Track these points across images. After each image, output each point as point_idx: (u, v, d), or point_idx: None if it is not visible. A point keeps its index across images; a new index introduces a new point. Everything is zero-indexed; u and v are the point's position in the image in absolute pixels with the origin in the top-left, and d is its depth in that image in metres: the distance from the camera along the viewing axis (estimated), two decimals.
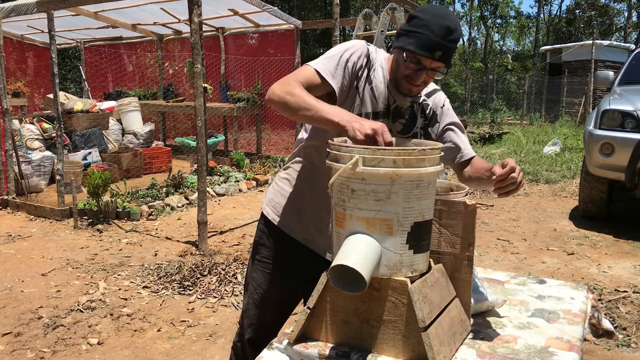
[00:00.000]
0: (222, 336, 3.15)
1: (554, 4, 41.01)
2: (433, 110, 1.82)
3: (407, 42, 1.59)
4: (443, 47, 1.56)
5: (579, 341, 1.50)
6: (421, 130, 1.82)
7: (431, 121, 1.83)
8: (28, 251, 4.70)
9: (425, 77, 1.64)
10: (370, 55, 1.72)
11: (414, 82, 1.65)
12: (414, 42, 1.57)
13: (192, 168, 7.30)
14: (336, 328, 1.40)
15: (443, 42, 1.56)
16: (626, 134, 4.95)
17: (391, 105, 1.74)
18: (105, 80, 11.23)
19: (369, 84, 1.71)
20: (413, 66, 1.61)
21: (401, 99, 1.74)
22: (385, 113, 1.74)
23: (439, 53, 1.57)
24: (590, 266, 4.31)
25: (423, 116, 1.81)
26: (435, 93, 1.85)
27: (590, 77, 14.85)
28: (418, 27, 1.57)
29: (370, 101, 1.72)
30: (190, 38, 4.84)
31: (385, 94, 1.73)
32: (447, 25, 1.55)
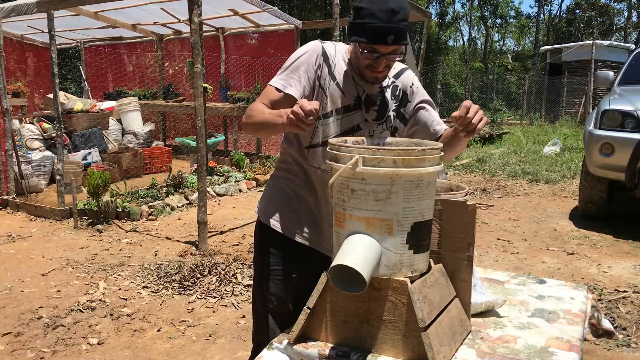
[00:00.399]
0: (222, 336, 3.15)
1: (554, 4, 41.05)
2: (403, 90, 1.84)
3: (359, 35, 1.61)
4: (393, 30, 1.58)
5: (579, 341, 1.50)
6: (394, 113, 1.83)
7: (402, 102, 1.84)
8: (28, 251, 4.70)
9: (386, 62, 1.66)
10: (326, 52, 1.73)
11: (377, 70, 1.67)
12: (365, 33, 1.60)
13: (192, 168, 7.30)
14: (336, 328, 1.40)
15: (391, 26, 1.57)
16: (626, 134, 4.95)
17: (361, 96, 1.76)
18: (105, 80, 11.23)
19: (333, 80, 1.73)
20: (371, 56, 1.63)
21: (369, 86, 1.76)
22: (356, 104, 1.76)
23: (391, 37, 1.59)
24: (590, 266, 4.31)
25: (394, 98, 1.83)
26: (403, 73, 1.86)
27: (590, 77, 14.85)
28: (364, 17, 1.59)
29: (340, 97, 1.73)
30: (190, 38, 4.84)
31: (352, 86, 1.75)
32: (391, 8, 1.56)
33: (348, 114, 1.75)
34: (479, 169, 8.74)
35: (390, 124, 1.83)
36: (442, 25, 34.98)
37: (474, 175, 8.30)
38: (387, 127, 1.82)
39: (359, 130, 1.77)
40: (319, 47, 1.74)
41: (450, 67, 31.54)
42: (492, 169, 8.71)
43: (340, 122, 1.75)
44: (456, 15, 37.26)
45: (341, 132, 1.76)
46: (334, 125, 1.75)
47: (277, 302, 1.86)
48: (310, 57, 1.72)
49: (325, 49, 1.75)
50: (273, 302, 1.86)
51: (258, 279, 1.92)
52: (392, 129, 1.84)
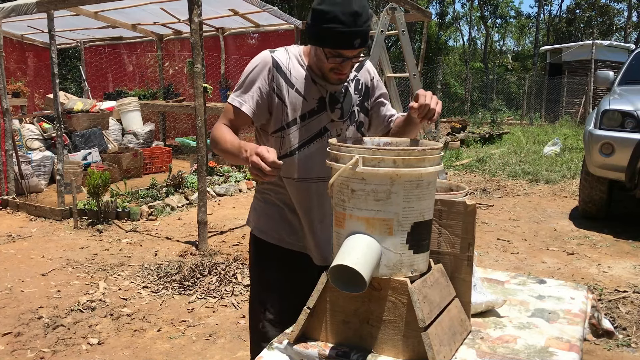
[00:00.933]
0: (222, 336, 3.15)
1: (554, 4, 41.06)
2: (365, 84, 1.83)
3: (322, 40, 1.58)
4: (359, 33, 1.56)
5: (579, 341, 1.50)
6: (357, 107, 1.81)
7: (365, 96, 1.84)
8: (28, 251, 4.70)
9: (351, 63, 1.65)
10: (277, 62, 1.70)
11: (342, 72, 1.66)
12: (329, 38, 1.56)
13: (192, 168, 7.30)
14: (336, 328, 1.40)
15: (357, 29, 1.55)
16: (626, 134, 4.95)
17: (325, 96, 1.73)
18: (105, 80, 11.23)
19: (292, 87, 1.70)
20: (336, 60, 1.61)
21: (331, 85, 1.74)
22: (320, 107, 1.73)
23: (357, 41, 1.57)
24: (590, 266, 4.31)
25: (357, 92, 1.81)
26: (364, 65, 1.85)
27: (590, 77, 14.86)
28: (327, 21, 1.54)
29: (301, 103, 1.71)
30: (190, 38, 4.84)
31: (314, 89, 1.72)
32: (355, 11, 1.53)
33: (313, 118, 1.72)
34: (479, 169, 8.74)
35: (355, 119, 1.80)
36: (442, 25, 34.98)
37: (474, 175, 8.30)
38: (351, 122, 1.79)
39: (326, 132, 1.74)
40: (268, 58, 1.71)
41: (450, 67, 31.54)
42: (492, 169, 8.71)
43: (306, 128, 1.72)
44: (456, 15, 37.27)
45: (309, 138, 1.72)
46: (300, 133, 1.72)
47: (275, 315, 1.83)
48: (260, 70, 1.69)
49: (276, 58, 1.71)
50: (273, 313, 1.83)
51: (255, 292, 1.90)
52: (358, 123, 1.81)
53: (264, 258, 1.86)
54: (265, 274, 1.85)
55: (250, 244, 1.92)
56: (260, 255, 1.87)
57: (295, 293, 1.79)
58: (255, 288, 1.90)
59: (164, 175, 7.37)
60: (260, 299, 1.87)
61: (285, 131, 1.72)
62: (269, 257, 1.85)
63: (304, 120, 1.71)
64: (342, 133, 1.77)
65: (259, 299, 1.88)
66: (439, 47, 32.02)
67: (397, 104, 5.53)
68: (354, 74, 1.81)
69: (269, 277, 1.85)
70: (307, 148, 1.73)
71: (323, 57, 1.62)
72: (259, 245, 1.87)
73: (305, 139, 1.73)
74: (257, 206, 1.89)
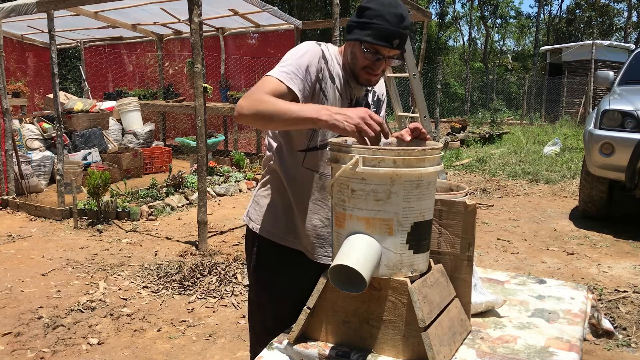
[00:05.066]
0: (222, 336, 3.15)
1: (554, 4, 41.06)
2: (378, 97, 1.88)
3: (363, 34, 1.60)
4: (399, 35, 1.58)
5: (578, 341, 1.50)
6: None
7: (378, 108, 1.88)
8: (28, 251, 4.70)
9: (384, 65, 1.66)
10: (325, 55, 1.70)
11: (374, 72, 1.66)
12: (371, 33, 1.58)
13: (192, 168, 7.30)
14: (336, 328, 1.40)
15: (399, 30, 1.58)
16: (626, 134, 4.95)
17: (352, 99, 1.76)
18: (105, 80, 11.23)
19: (332, 82, 1.71)
20: (372, 57, 1.62)
21: (358, 89, 1.76)
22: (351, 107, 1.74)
23: (397, 41, 1.59)
24: (590, 266, 4.31)
25: (373, 103, 1.85)
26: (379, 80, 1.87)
27: (590, 77, 14.86)
28: (372, 17, 1.58)
29: (339, 100, 1.72)
30: (190, 38, 4.84)
31: (348, 90, 1.74)
32: (400, 13, 1.58)
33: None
34: (479, 169, 8.75)
35: None
36: (442, 25, 34.99)
37: (474, 175, 8.31)
38: None
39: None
40: (320, 50, 1.69)
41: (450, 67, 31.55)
42: (492, 169, 8.71)
43: None
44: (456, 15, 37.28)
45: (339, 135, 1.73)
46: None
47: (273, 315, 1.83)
48: (312, 57, 1.67)
49: (324, 51, 1.71)
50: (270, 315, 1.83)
51: (253, 294, 1.89)
52: None
53: (263, 256, 1.85)
54: (264, 273, 1.85)
55: (248, 242, 1.92)
56: (260, 254, 1.86)
57: (294, 292, 1.79)
58: (254, 287, 1.90)
59: (164, 175, 7.37)
60: (259, 298, 1.87)
61: None
62: (268, 256, 1.84)
63: None
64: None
65: (257, 298, 1.88)
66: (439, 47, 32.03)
67: (397, 104, 5.53)
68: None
69: (268, 276, 1.84)
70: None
71: (359, 53, 1.63)
72: (257, 244, 1.86)
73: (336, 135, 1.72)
74: (260, 202, 1.87)
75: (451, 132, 12.64)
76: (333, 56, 1.73)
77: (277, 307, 1.82)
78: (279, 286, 1.82)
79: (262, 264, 1.86)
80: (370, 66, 1.64)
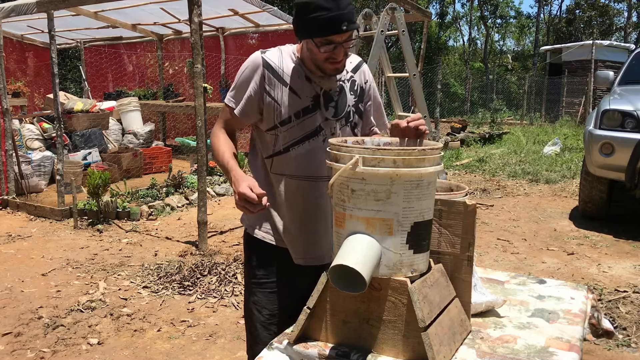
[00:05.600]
0: (222, 336, 3.15)
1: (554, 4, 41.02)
2: (360, 86, 1.84)
3: (311, 31, 1.60)
4: (344, 17, 1.56)
5: (578, 341, 1.50)
6: (353, 108, 1.81)
7: (360, 97, 1.84)
8: (28, 251, 4.70)
9: (344, 50, 1.64)
10: (268, 62, 1.71)
11: (337, 60, 1.65)
12: (317, 27, 1.58)
13: (192, 168, 7.30)
14: (336, 328, 1.40)
15: (341, 13, 1.56)
16: (626, 134, 4.95)
17: (319, 93, 1.73)
18: (105, 80, 11.22)
19: (285, 86, 1.71)
20: (328, 48, 1.61)
21: (327, 82, 1.73)
22: (315, 105, 1.73)
23: (344, 24, 1.57)
24: (590, 266, 4.31)
25: (353, 93, 1.81)
26: (360, 67, 1.86)
27: (590, 77, 14.86)
28: (312, 12, 1.56)
29: (296, 100, 1.71)
30: (190, 38, 4.83)
31: (308, 87, 1.72)
32: None
33: (307, 116, 1.72)
34: (479, 169, 8.74)
35: (350, 119, 1.80)
36: (442, 25, 34.98)
37: (474, 175, 8.30)
38: (346, 122, 1.79)
39: (320, 131, 1.74)
40: (259, 59, 1.72)
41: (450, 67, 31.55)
42: (492, 169, 8.71)
43: (300, 126, 1.72)
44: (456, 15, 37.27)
45: (303, 136, 1.73)
46: (294, 130, 1.72)
47: (269, 315, 1.83)
48: (251, 72, 1.71)
49: (267, 58, 1.72)
50: (265, 314, 1.84)
51: (249, 292, 1.89)
52: (353, 124, 1.82)
53: (257, 257, 1.85)
54: (259, 273, 1.85)
55: (244, 243, 1.92)
56: (254, 254, 1.86)
57: (288, 293, 1.80)
58: (249, 288, 1.90)
59: (164, 175, 7.37)
60: (254, 299, 1.88)
61: (279, 129, 1.73)
62: (262, 256, 1.84)
63: (299, 118, 1.72)
64: (337, 133, 1.77)
65: (252, 298, 1.88)
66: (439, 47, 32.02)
67: (397, 104, 5.53)
68: (350, 75, 1.81)
69: (262, 277, 1.84)
70: (301, 146, 1.73)
71: (315, 49, 1.62)
72: (252, 244, 1.87)
73: (299, 137, 1.73)
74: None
75: (451, 132, 12.64)
76: (287, 57, 1.73)
77: (273, 307, 1.82)
78: (274, 286, 1.83)
79: (257, 264, 1.86)
80: (330, 57, 1.64)
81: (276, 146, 1.75)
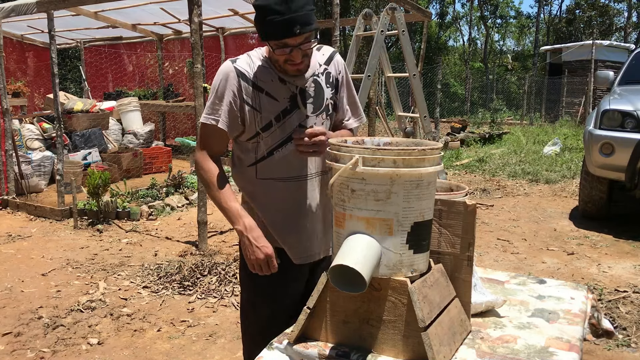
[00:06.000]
0: (222, 336, 3.15)
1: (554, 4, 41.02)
2: (335, 77, 1.83)
3: (266, 34, 1.59)
4: (296, 20, 1.54)
5: (578, 341, 1.50)
6: (331, 101, 1.80)
7: (335, 89, 1.83)
8: (28, 251, 4.70)
9: (302, 52, 1.63)
10: (240, 70, 1.70)
11: (295, 62, 1.64)
12: (271, 31, 1.57)
13: (192, 168, 7.30)
14: (336, 328, 1.40)
15: (292, 16, 1.54)
16: (626, 134, 4.95)
17: (295, 92, 1.72)
18: (105, 80, 11.22)
19: (261, 92, 1.70)
20: (284, 51, 1.61)
21: (300, 80, 1.72)
22: (292, 105, 1.72)
23: (297, 27, 1.55)
24: (590, 266, 4.31)
25: (329, 85, 1.80)
26: (333, 58, 1.84)
27: (590, 77, 14.86)
28: (266, 15, 1.55)
29: (274, 104, 1.70)
30: (190, 38, 4.84)
31: (283, 88, 1.71)
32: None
33: (287, 117, 1.72)
34: (479, 169, 8.75)
35: (329, 112, 1.80)
36: (442, 25, 35.00)
37: (474, 175, 8.31)
38: (326, 116, 1.79)
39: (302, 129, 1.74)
40: (231, 68, 1.70)
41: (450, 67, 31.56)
42: (492, 169, 8.71)
43: (281, 129, 1.72)
44: (456, 15, 37.28)
45: (285, 138, 1.73)
46: (276, 134, 1.72)
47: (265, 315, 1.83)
48: (226, 84, 1.69)
49: (239, 67, 1.70)
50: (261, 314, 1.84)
51: (246, 295, 1.89)
52: (332, 117, 1.82)
53: None
54: (254, 274, 1.85)
55: (239, 244, 1.92)
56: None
57: (284, 292, 1.79)
58: (246, 288, 1.90)
59: (164, 175, 7.37)
60: (250, 300, 1.88)
61: (260, 136, 1.72)
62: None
63: (279, 121, 1.71)
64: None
65: (248, 299, 1.88)
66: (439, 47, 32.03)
67: (397, 104, 5.53)
68: (323, 67, 1.79)
69: (258, 277, 1.84)
70: (284, 148, 1.73)
71: (273, 53, 1.63)
72: None
73: (281, 140, 1.73)
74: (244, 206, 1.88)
75: (451, 132, 12.64)
76: (257, 62, 1.72)
77: (271, 307, 1.82)
78: (271, 286, 1.83)
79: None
80: (288, 59, 1.63)
81: (258, 153, 1.75)
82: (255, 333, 1.87)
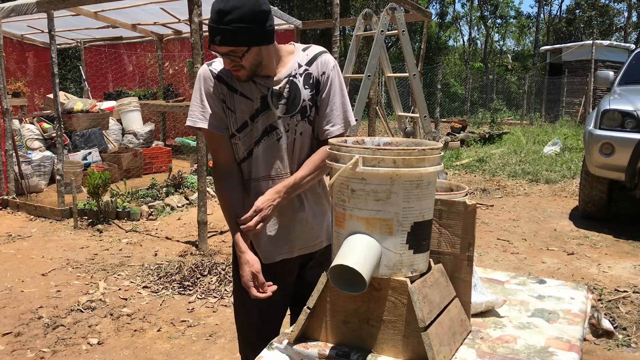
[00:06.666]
0: (222, 336, 3.15)
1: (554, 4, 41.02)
2: (316, 78, 1.76)
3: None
4: (218, 31, 1.56)
5: (578, 341, 1.50)
6: (309, 102, 1.75)
7: (317, 90, 1.77)
8: (28, 251, 4.70)
9: (231, 61, 1.62)
10: (217, 73, 1.72)
11: (230, 68, 1.66)
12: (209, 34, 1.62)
13: (192, 168, 7.30)
14: (336, 328, 1.40)
15: (217, 27, 1.56)
16: (626, 134, 4.95)
17: (267, 94, 1.71)
18: (105, 80, 11.22)
19: (236, 92, 1.71)
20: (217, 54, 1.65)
21: (270, 81, 1.71)
22: (264, 105, 1.71)
23: (217, 38, 1.57)
24: (590, 266, 4.31)
25: (308, 87, 1.75)
26: (317, 59, 1.77)
27: (590, 77, 14.86)
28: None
29: (248, 104, 1.71)
30: (190, 38, 4.84)
31: (254, 88, 1.71)
32: (219, 9, 1.54)
33: (259, 117, 1.72)
34: (479, 169, 8.75)
35: (307, 114, 1.75)
36: (442, 25, 34.99)
37: (474, 175, 8.31)
38: (302, 117, 1.75)
39: (274, 130, 1.72)
40: (208, 72, 1.72)
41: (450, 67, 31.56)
42: (492, 169, 8.71)
43: (255, 128, 1.72)
44: (456, 15, 37.28)
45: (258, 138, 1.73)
46: (251, 134, 1.73)
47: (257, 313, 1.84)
48: (205, 85, 1.72)
49: (213, 70, 1.72)
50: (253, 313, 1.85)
51: (239, 293, 1.89)
52: (310, 119, 1.76)
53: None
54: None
55: (232, 244, 1.93)
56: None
57: (277, 290, 1.79)
58: (236, 288, 1.90)
59: (164, 175, 7.37)
60: (242, 299, 1.88)
61: (237, 137, 1.74)
62: None
63: (254, 120, 1.72)
64: (292, 129, 1.74)
65: (240, 299, 1.89)
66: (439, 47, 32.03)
67: (397, 104, 5.53)
68: (304, 68, 1.75)
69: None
70: (258, 147, 1.74)
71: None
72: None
73: (255, 139, 1.74)
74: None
75: (451, 132, 12.64)
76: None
77: (262, 306, 1.82)
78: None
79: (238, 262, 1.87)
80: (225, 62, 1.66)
81: (239, 153, 1.76)
82: (248, 332, 1.89)
